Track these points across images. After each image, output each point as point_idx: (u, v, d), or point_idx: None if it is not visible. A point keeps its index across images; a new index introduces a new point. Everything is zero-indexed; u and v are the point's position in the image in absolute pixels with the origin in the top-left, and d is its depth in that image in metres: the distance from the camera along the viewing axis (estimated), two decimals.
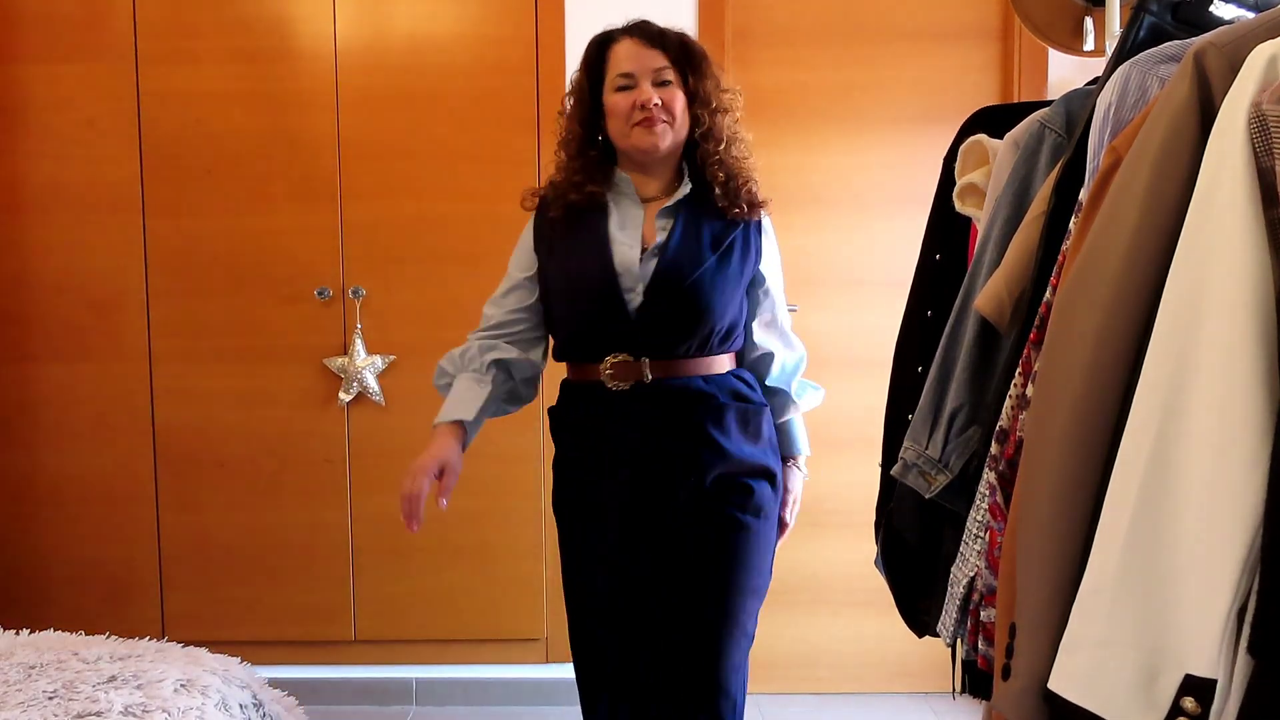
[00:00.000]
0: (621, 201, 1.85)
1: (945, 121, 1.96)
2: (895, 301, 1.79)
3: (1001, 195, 1.39)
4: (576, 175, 1.84)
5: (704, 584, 1.79)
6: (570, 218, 1.82)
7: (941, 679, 2.79)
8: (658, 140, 1.78)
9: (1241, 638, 0.81)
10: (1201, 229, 0.85)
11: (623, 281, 1.78)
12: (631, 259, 1.79)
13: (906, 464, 1.45)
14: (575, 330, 1.84)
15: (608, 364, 1.78)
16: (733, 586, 1.79)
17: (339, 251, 2.89)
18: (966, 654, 1.30)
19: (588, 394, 1.83)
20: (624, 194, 1.85)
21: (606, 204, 1.83)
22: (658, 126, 1.78)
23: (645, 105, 1.77)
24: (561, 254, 1.84)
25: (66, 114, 2.88)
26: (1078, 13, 1.71)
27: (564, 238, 1.84)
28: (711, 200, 1.83)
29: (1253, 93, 0.84)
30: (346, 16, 2.86)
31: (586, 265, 1.80)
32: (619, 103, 1.79)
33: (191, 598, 2.98)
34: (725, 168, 1.83)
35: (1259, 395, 0.82)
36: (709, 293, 1.78)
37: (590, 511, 1.84)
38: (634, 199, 1.84)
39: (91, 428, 2.94)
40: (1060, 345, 0.96)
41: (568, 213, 1.83)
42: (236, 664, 1.91)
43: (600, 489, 1.82)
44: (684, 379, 1.79)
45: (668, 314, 1.77)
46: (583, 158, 1.84)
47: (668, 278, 1.77)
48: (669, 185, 1.86)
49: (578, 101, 1.86)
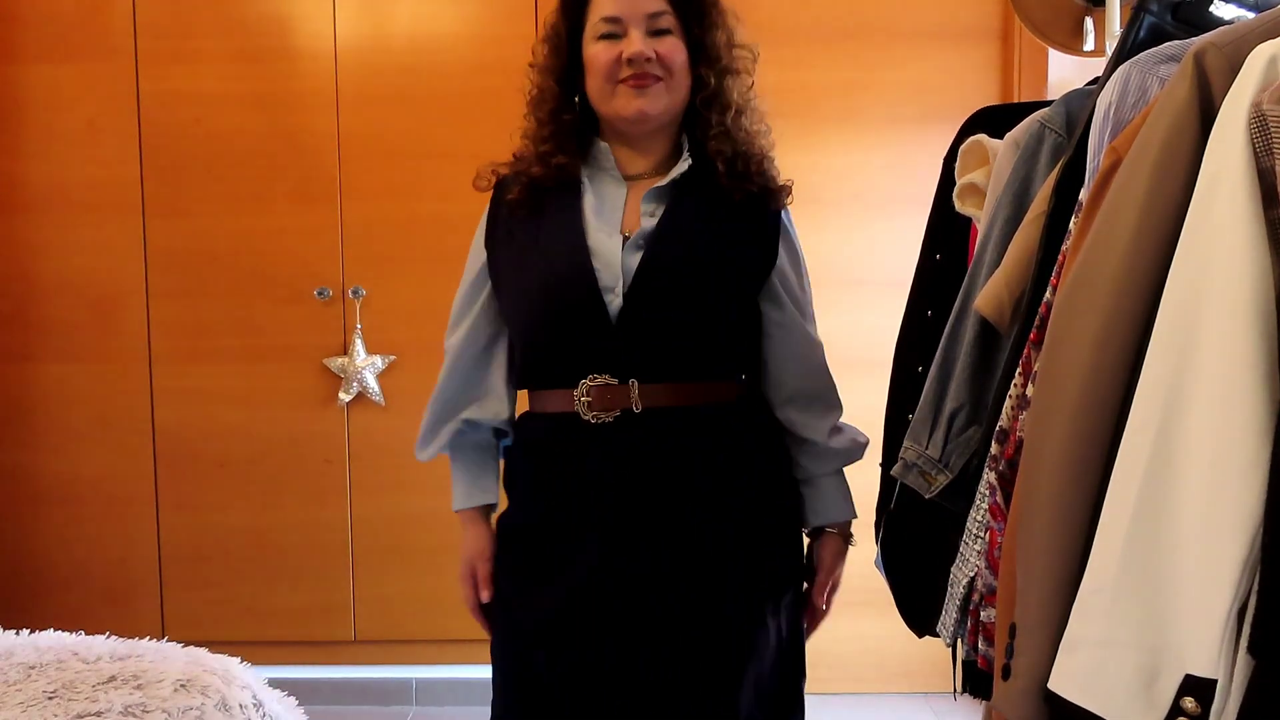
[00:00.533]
0: (599, 179, 1.47)
1: (945, 121, 1.95)
2: (895, 301, 1.79)
3: (1001, 195, 1.39)
4: (545, 144, 1.47)
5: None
6: (533, 199, 1.46)
7: (941, 679, 2.79)
8: (648, 105, 1.41)
9: (1242, 638, 0.81)
10: (1201, 229, 0.85)
11: (601, 278, 1.40)
12: (610, 249, 1.41)
13: (906, 464, 1.45)
14: (540, 344, 1.46)
15: (585, 389, 1.41)
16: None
17: (339, 251, 2.89)
18: (966, 654, 1.30)
19: (557, 429, 1.45)
20: (602, 169, 1.48)
21: (580, 182, 1.46)
22: (650, 87, 1.40)
23: (635, 60, 1.39)
24: (520, 245, 1.46)
25: (66, 114, 2.88)
26: (1078, 13, 1.71)
27: (524, 224, 1.46)
28: (715, 182, 1.46)
29: (1253, 93, 0.84)
30: (346, 16, 2.86)
31: (553, 258, 1.42)
32: (601, 55, 1.41)
33: (191, 598, 2.98)
34: (732, 141, 1.46)
35: (1259, 395, 0.81)
36: (710, 293, 1.43)
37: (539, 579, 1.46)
38: (615, 175, 1.47)
39: (91, 428, 2.94)
40: (1060, 345, 0.96)
41: (530, 193, 1.46)
42: (236, 664, 1.90)
43: (554, 556, 1.45)
44: (685, 409, 1.42)
45: (659, 320, 1.41)
46: (556, 122, 1.47)
47: (655, 273, 1.40)
48: (662, 162, 1.48)
49: (552, 50, 1.48)
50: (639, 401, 1.40)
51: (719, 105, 1.45)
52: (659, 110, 1.43)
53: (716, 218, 1.45)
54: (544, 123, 1.48)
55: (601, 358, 1.41)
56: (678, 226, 1.43)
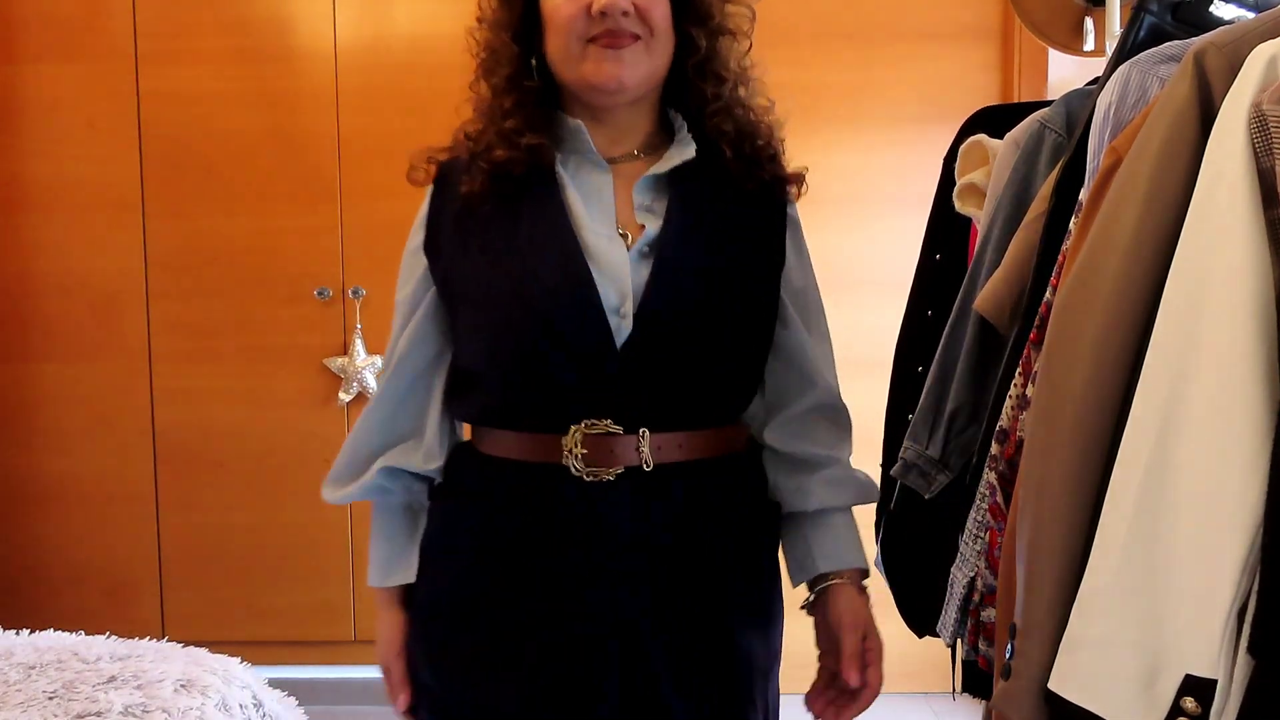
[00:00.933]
0: (575, 165, 1.17)
1: (945, 121, 1.96)
2: (895, 301, 1.79)
3: (1001, 195, 1.39)
4: (510, 118, 1.14)
5: None
6: (500, 190, 1.14)
7: (941, 679, 2.78)
8: (624, 70, 1.10)
9: (1241, 638, 0.81)
10: (1201, 229, 0.85)
11: (605, 295, 1.09)
12: (614, 258, 1.11)
13: (906, 464, 1.45)
14: (516, 379, 1.12)
15: (578, 437, 1.09)
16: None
17: (339, 251, 2.89)
18: (966, 654, 1.30)
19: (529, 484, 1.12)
20: (577, 152, 1.17)
21: (555, 170, 1.15)
22: (627, 48, 1.10)
23: (608, 12, 1.08)
24: (489, 249, 1.13)
25: (66, 114, 2.88)
26: (1078, 13, 1.71)
27: (492, 223, 1.14)
28: (721, 169, 1.17)
29: (1253, 93, 0.84)
30: (346, 16, 2.86)
31: (539, 267, 1.10)
32: (564, 8, 1.11)
33: (191, 598, 2.97)
34: (735, 119, 1.19)
35: (1259, 395, 0.81)
36: (738, 313, 1.15)
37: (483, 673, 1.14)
38: (596, 161, 1.16)
39: (91, 428, 2.94)
40: (1060, 345, 0.96)
41: (495, 182, 1.14)
42: (236, 664, 1.91)
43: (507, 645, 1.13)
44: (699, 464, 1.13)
45: (677, 351, 1.11)
46: (519, 90, 1.16)
47: (671, 288, 1.10)
48: (645, 143, 1.19)
49: (502, 3, 1.19)
50: (650, 457, 1.10)
51: (714, 73, 1.17)
52: (638, 78, 1.12)
53: (731, 215, 1.17)
54: (503, 90, 1.17)
55: (602, 398, 1.09)
56: (693, 227, 1.14)
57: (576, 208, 1.13)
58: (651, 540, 1.11)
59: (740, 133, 1.19)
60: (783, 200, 1.22)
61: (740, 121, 1.19)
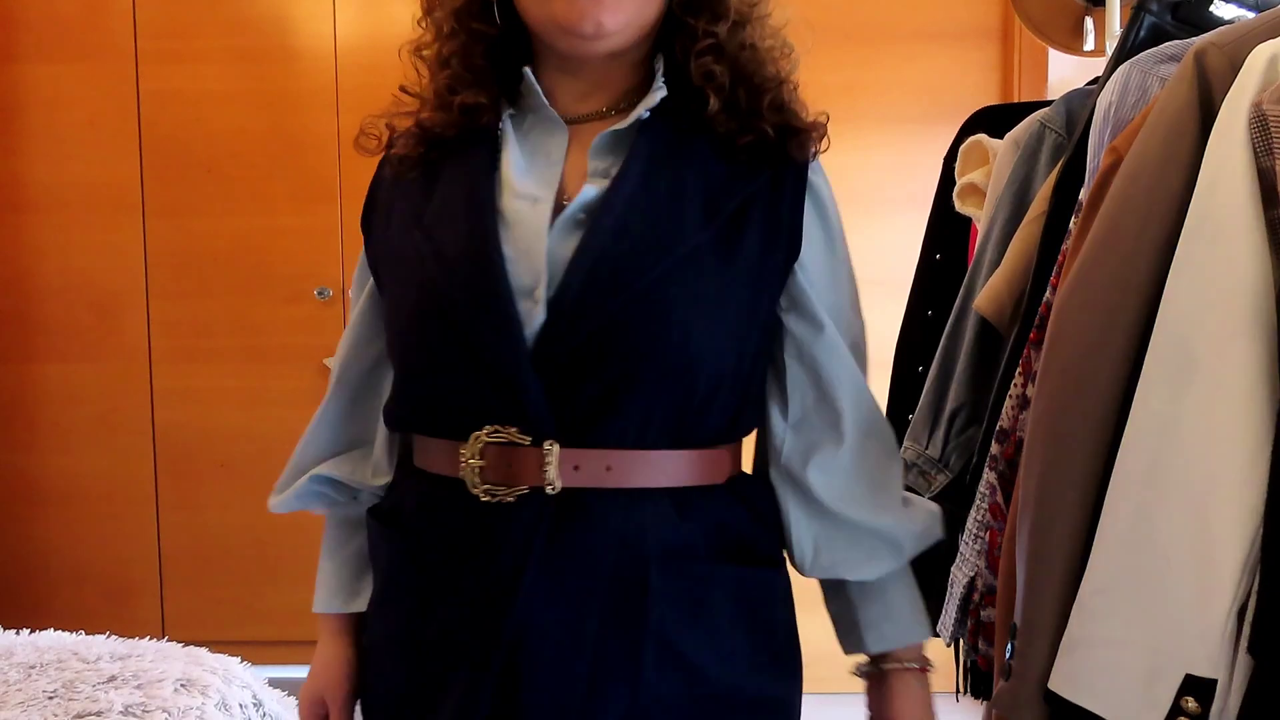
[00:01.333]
0: (528, 124, 0.97)
1: (945, 121, 1.96)
2: (895, 301, 1.79)
3: (1001, 195, 1.39)
4: (446, 70, 0.98)
5: None
6: (424, 155, 0.98)
7: (941, 679, 2.79)
8: (605, 13, 0.88)
9: (1242, 637, 0.81)
10: (1201, 229, 0.85)
11: (513, 272, 0.89)
12: (530, 226, 0.91)
13: (906, 464, 1.45)
14: (415, 372, 0.95)
15: (476, 446, 0.89)
16: None
17: (339, 251, 2.89)
18: (966, 654, 1.31)
19: (430, 500, 0.95)
20: (531, 110, 0.97)
21: (497, 132, 0.96)
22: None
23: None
24: (401, 220, 0.97)
25: (66, 114, 2.88)
26: (1078, 13, 1.71)
27: (411, 192, 0.98)
28: (705, 120, 0.95)
29: (1253, 93, 0.84)
30: (346, 16, 2.86)
31: (439, 239, 0.92)
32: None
33: (191, 598, 2.97)
34: (730, 60, 0.95)
35: (1259, 395, 0.81)
36: (692, 308, 0.89)
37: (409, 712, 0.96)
38: (549, 116, 0.96)
39: (91, 428, 2.94)
40: (1060, 345, 0.96)
41: (421, 145, 0.99)
42: (236, 664, 1.91)
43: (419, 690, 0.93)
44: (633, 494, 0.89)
45: (603, 345, 0.88)
46: (465, 33, 0.97)
47: (598, 265, 0.88)
48: (623, 98, 0.97)
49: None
50: (556, 477, 0.87)
51: (708, 9, 0.94)
52: (620, 22, 0.90)
53: (707, 179, 0.93)
54: (446, 32, 0.99)
55: (505, 400, 0.88)
56: (644, 191, 0.91)
57: (508, 171, 0.93)
58: (554, 589, 0.87)
59: (737, 78, 0.95)
60: (800, 162, 0.97)
61: (740, 65, 0.95)
